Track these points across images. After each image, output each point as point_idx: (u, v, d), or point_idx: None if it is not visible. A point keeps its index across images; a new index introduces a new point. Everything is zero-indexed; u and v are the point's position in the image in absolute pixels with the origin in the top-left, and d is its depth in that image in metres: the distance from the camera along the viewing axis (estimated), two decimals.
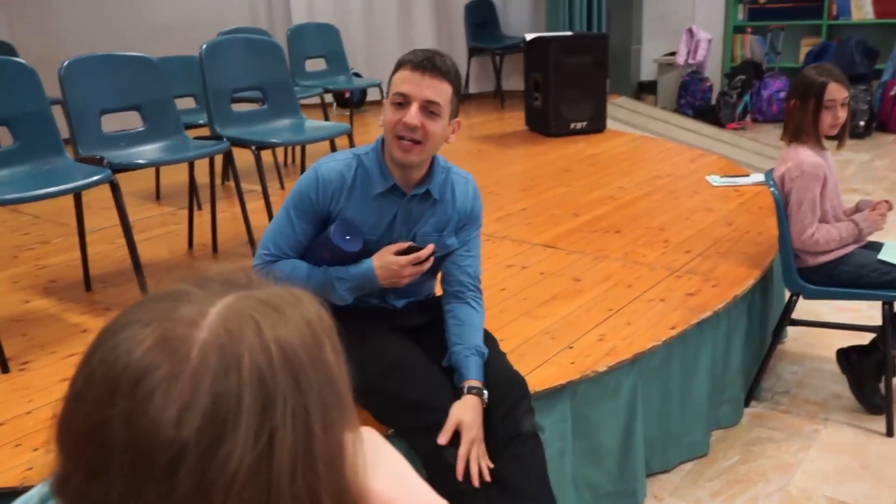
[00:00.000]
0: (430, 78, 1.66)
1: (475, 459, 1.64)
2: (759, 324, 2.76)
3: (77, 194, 2.69)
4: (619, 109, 6.47)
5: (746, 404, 2.64)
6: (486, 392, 1.70)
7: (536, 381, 1.96)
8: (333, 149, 3.35)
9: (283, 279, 1.79)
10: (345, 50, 6.89)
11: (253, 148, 2.85)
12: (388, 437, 1.74)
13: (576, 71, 5.15)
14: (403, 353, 1.78)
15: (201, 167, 3.26)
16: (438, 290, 1.98)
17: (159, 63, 3.62)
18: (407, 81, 1.67)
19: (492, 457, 1.67)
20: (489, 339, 1.91)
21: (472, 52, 6.86)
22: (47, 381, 2.09)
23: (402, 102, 1.67)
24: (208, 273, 0.60)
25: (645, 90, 7.52)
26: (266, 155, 4.26)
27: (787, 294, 2.59)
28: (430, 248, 1.76)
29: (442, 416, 1.65)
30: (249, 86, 3.07)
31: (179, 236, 3.32)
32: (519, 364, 2.04)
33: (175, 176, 3.96)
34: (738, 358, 2.56)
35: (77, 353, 2.23)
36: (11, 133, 2.47)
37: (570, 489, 2.05)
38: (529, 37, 5.31)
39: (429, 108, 1.67)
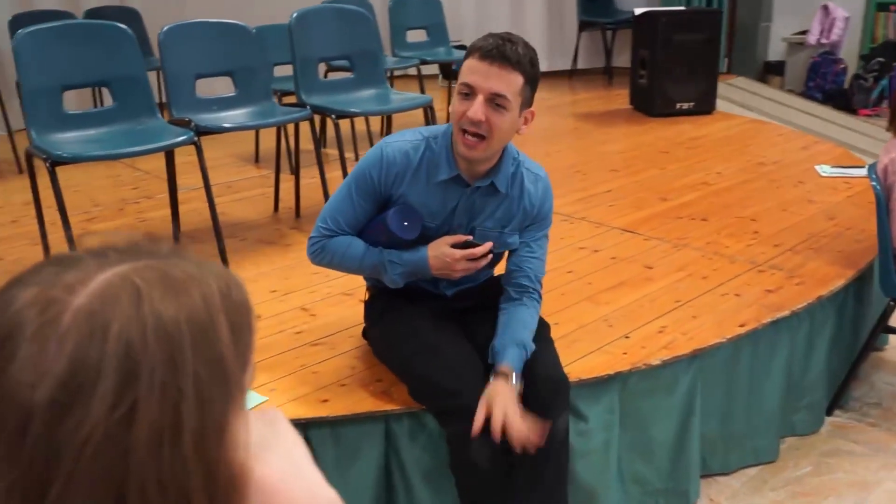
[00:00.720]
0: (499, 68, 1.56)
1: (514, 435, 1.58)
2: (850, 328, 2.58)
3: (170, 154, 2.83)
4: (736, 90, 6.14)
5: (829, 413, 2.48)
6: (516, 376, 1.65)
7: (584, 368, 1.92)
8: (428, 120, 3.36)
9: (339, 255, 1.81)
10: (449, 21, 6.90)
11: (333, 116, 2.89)
12: (421, 414, 1.76)
13: (685, 48, 4.91)
14: (439, 335, 1.76)
15: (304, 133, 3.32)
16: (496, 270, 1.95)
17: (264, 31, 3.76)
18: (474, 71, 1.58)
19: (515, 453, 1.65)
20: (541, 325, 1.87)
21: (583, 25, 6.67)
22: None
23: (468, 93, 1.59)
24: (117, 241, 0.60)
25: (771, 71, 7.07)
26: (360, 123, 4.33)
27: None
28: (487, 246, 1.71)
29: (467, 400, 1.63)
30: (338, 55, 3.11)
31: (269, 199, 3.43)
32: (569, 349, 2.00)
33: (274, 140, 4.08)
34: (821, 363, 2.40)
35: None
36: (111, 94, 2.61)
37: (615, 482, 2.00)
38: (638, 11, 5.11)
39: (495, 101, 1.58)
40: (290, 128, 3.36)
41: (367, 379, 1.90)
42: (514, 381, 1.64)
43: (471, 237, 1.73)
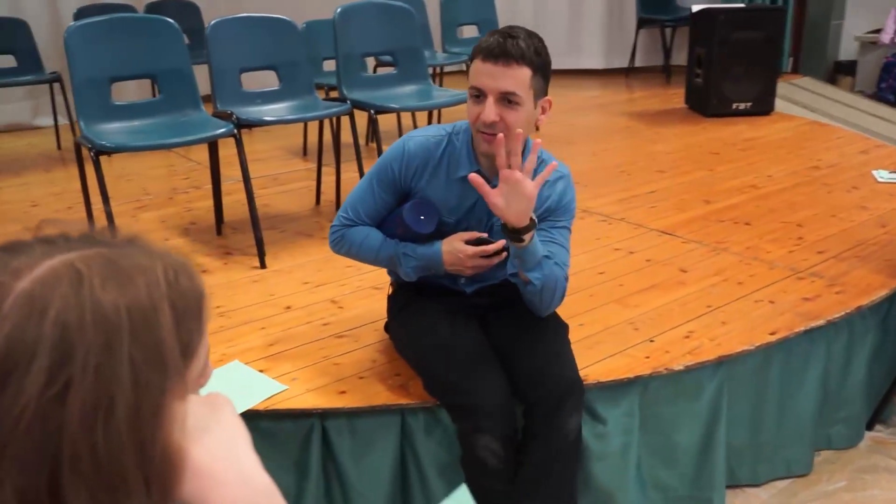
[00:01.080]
0: (503, 66, 1.56)
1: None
2: (894, 341, 2.48)
3: (213, 145, 2.91)
4: (800, 91, 5.96)
5: (869, 427, 2.39)
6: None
7: (603, 371, 1.90)
8: None
9: (356, 245, 1.83)
10: (505, 18, 6.86)
11: (372, 111, 2.92)
12: (437, 409, 1.77)
13: (744, 47, 4.78)
14: (456, 332, 1.76)
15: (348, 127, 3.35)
16: None
17: (314, 26, 3.82)
18: (480, 73, 1.58)
19: (524, 451, 1.65)
20: (559, 325, 1.86)
21: (641, 23, 6.56)
22: None
23: (478, 95, 1.60)
24: (69, 229, 0.63)
25: (842, 71, 6.82)
26: (407, 119, 4.35)
27: None
28: (500, 244, 1.70)
29: (479, 398, 1.63)
30: (381, 50, 3.14)
31: (312, 192, 3.48)
32: (590, 351, 1.99)
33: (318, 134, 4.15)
34: (860, 375, 2.31)
35: None
36: (157, 86, 2.70)
37: (635, 487, 1.97)
38: (696, 8, 5.00)
39: (507, 99, 1.58)
40: (336, 122, 3.40)
41: (386, 372, 1.92)
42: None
43: (486, 234, 1.73)
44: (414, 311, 1.87)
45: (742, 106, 4.89)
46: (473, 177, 1.56)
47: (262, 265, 2.63)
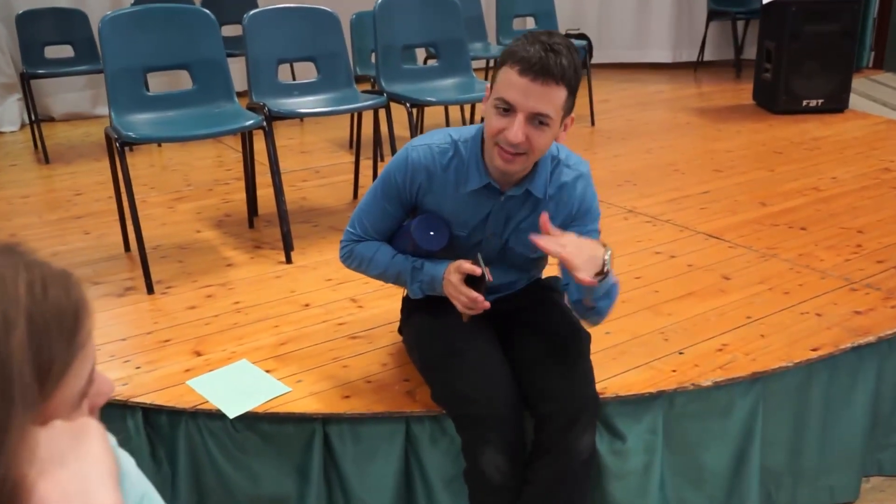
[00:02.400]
0: (542, 85, 1.40)
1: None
2: None
3: (246, 137, 2.89)
4: (880, 88, 5.60)
5: None
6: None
7: (625, 384, 1.78)
8: None
9: (365, 260, 1.75)
10: (569, 9, 6.69)
11: (407, 105, 2.84)
12: (443, 418, 1.68)
13: (817, 40, 4.51)
14: (468, 339, 1.66)
15: (399, 120, 3.29)
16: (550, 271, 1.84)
17: (363, 17, 3.76)
18: (514, 87, 1.41)
19: (531, 469, 1.55)
20: (579, 336, 1.74)
21: (712, 14, 6.28)
22: (176, 307, 2.28)
23: (507, 109, 1.45)
24: None
25: None
26: (454, 112, 4.27)
27: None
28: (483, 303, 1.56)
29: (484, 410, 1.54)
30: (422, 42, 3.06)
31: (351, 185, 3.44)
32: (614, 362, 1.87)
33: (366, 126, 4.10)
34: None
35: (212, 285, 2.42)
36: (191, 77, 2.68)
37: None
38: (766, 0, 4.73)
39: (537, 119, 1.44)
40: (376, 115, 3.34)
41: (394, 378, 1.85)
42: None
43: (487, 274, 1.58)
44: (427, 313, 1.78)
45: (813, 103, 4.61)
46: (541, 242, 1.45)
47: (288, 260, 2.59)
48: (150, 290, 2.38)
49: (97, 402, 0.69)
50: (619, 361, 1.88)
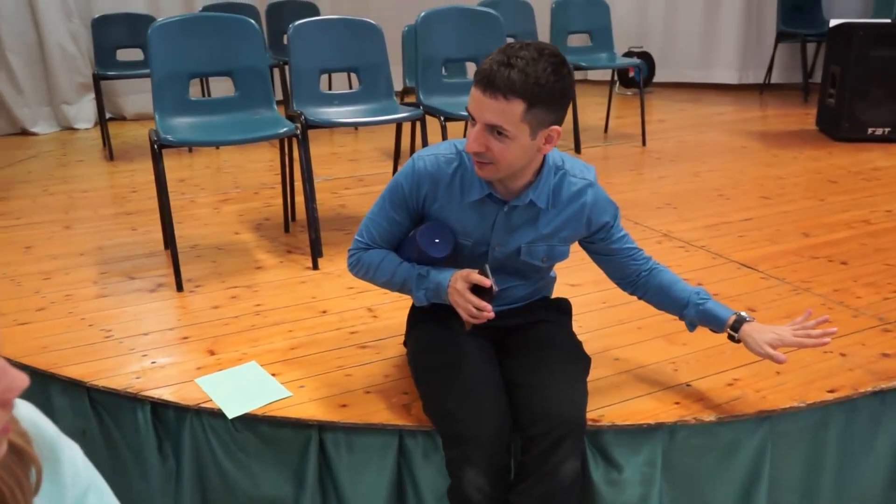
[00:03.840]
0: (490, 98, 1.42)
1: None
2: None
3: (282, 144, 2.96)
4: None
5: None
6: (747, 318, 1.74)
7: (623, 413, 1.74)
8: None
9: (372, 268, 1.78)
10: (634, 27, 6.61)
11: (441, 118, 2.86)
12: (436, 433, 1.69)
13: (884, 66, 4.33)
14: (465, 355, 1.66)
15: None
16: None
17: (413, 30, 3.81)
18: (472, 98, 1.46)
19: (514, 492, 1.53)
20: (577, 359, 1.73)
21: (781, 36, 6.11)
22: (201, 305, 2.35)
23: (474, 119, 1.49)
24: None
25: None
26: None
27: None
28: (489, 311, 1.57)
29: (470, 429, 1.53)
30: (462, 56, 3.07)
31: None
32: (617, 390, 1.84)
33: (407, 138, 4.14)
34: None
35: (239, 287, 2.49)
36: (234, 84, 2.76)
37: None
38: (834, 23, 4.58)
39: (494, 130, 1.45)
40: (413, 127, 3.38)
41: (393, 390, 1.86)
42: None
43: (494, 285, 1.59)
44: (429, 327, 1.79)
45: (879, 131, 4.43)
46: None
47: (315, 266, 2.64)
48: (180, 287, 2.46)
49: (7, 397, 0.71)
50: (623, 389, 1.85)
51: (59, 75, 5.36)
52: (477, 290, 1.59)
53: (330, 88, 4.60)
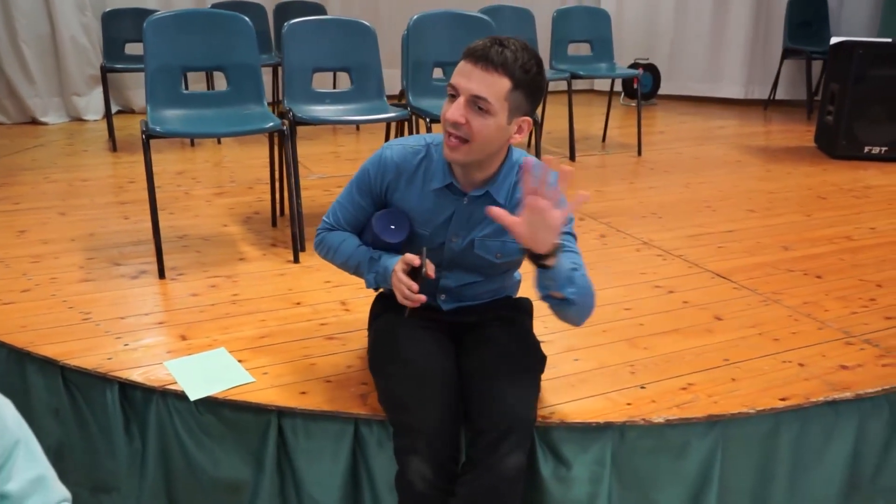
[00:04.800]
0: (482, 70, 1.50)
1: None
2: None
3: (271, 140, 3.02)
4: None
5: None
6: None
7: (573, 411, 1.78)
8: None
9: (332, 249, 1.84)
10: (640, 40, 6.64)
11: (427, 120, 2.91)
12: (378, 420, 1.73)
13: (884, 85, 4.34)
14: (420, 348, 1.71)
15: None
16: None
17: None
18: (459, 72, 1.55)
19: (458, 483, 1.57)
20: (531, 357, 1.77)
21: (787, 53, 6.12)
22: (180, 293, 2.41)
23: (454, 95, 1.55)
24: None
25: None
26: None
27: None
28: (417, 262, 1.62)
29: (419, 420, 1.57)
30: (452, 60, 3.11)
31: None
32: (572, 389, 1.88)
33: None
34: None
35: (220, 276, 2.54)
36: (226, 79, 2.83)
37: None
38: (835, 40, 4.59)
39: (476, 104, 1.52)
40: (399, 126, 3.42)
41: (353, 380, 1.90)
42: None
43: (428, 270, 1.64)
44: (387, 319, 1.84)
45: (876, 150, 4.43)
46: (495, 210, 1.50)
47: (296, 260, 2.69)
48: (162, 275, 2.52)
49: None
50: (578, 389, 1.88)
51: (70, 67, 5.46)
52: (413, 273, 1.65)
53: (334, 87, 4.67)
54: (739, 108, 6.43)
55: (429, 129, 2.97)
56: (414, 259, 1.62)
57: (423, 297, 1.63)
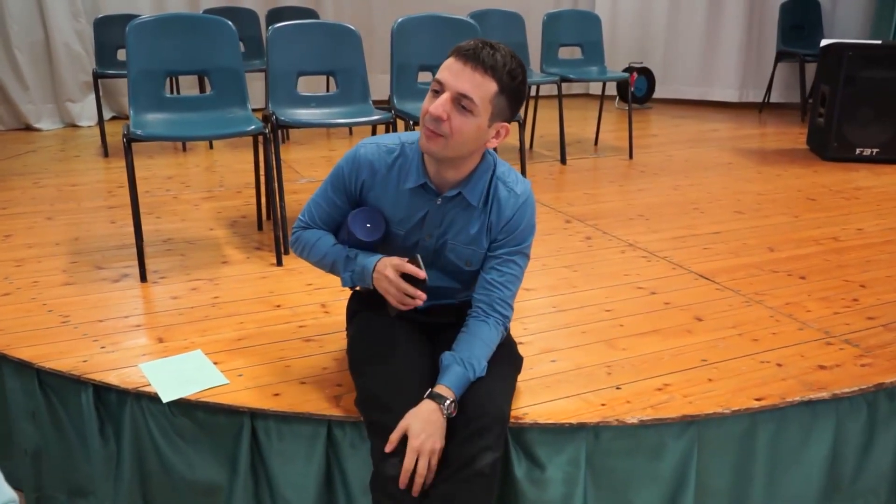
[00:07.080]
0: (471, 70, 1.51)
1: (419, 473, 1.54)
2: None
3: (256, 144, 3.02)
4: None
5: None
6: (449, 402, 1.57)
7: (547, 411, 1.77)
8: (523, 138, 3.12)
9: (308, 247, 1.84)
10: (635, 43, 6.64)
11: (411, 123, 2.91)
12: (363, 425, 1.72)
13: (874, 87, 4.33)
14: (397, 347, 1.71)
15: None
16: None
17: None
18: (447, 69, 1.55)
19: (439, 479, 1.56)
20: (508, 358, 1.76)
21: (781, 56, 6.12)
22: (160, 296, 2.41)
23: (438, 91, 1.56)
24: None
25: None
26: None
27: None
28: (422, 274, 1.61)
29: (392, 418, 1.57)
30: (436, 64, 3.11)
31: None
32: (547, 389, 1.87)
33: None
34: (886, 464, 2.02)
35: (202, 280, 2.54)
36: (210, 83, 2.83)
37: None
38: (825, 42, 4.59)
39: (461, 102, 1.52)
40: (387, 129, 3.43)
41: (327, 381, 1.90)
42: (445, 405, 1.55)
43: (419, 265, 1.64)
44: (364, 318, 1.84)
45: (867, 152, 4.43)
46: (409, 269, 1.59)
47: (279, 263, 2.69)
48: (144, 278, 2.52)
49: None
50: (553, 389, 1.87)
51: (64, 73, 5.48)
52: (409, 279, 1.64)
53: (328, 91, 4.68)
54: (734, 112, 6.43)
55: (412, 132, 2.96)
56: (418, 272, 1.61)
57: (423, 298, 1.63)
